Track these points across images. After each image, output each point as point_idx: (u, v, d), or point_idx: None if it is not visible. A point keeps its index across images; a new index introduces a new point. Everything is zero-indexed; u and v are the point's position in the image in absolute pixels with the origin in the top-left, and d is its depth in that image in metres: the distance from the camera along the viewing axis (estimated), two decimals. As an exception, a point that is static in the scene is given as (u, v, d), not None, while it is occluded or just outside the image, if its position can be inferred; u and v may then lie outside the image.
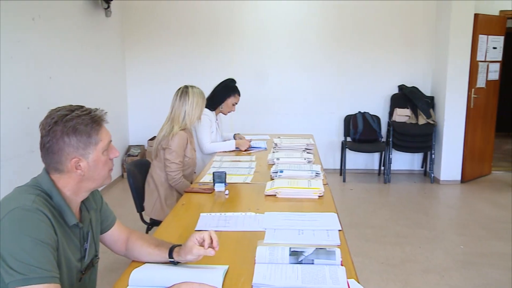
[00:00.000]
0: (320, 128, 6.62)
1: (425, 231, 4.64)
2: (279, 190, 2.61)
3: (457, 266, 3.85)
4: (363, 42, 6.56)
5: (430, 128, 6.29)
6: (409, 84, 6.60)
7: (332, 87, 6.68)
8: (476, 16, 6.00)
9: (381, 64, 6.61)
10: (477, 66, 6.20)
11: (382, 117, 6.66)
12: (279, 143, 3.83)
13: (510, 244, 4.29)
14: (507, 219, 4.97)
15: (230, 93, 4.11)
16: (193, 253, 1.65)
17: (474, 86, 6.20)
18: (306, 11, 6.53)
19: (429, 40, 6.54)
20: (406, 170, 6.85)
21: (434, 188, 6.20)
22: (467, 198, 5.80)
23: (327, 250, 1.74)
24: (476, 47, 6.11)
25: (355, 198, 5.76)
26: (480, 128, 6.47)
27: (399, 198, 5.78)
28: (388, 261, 3.92)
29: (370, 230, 4.63)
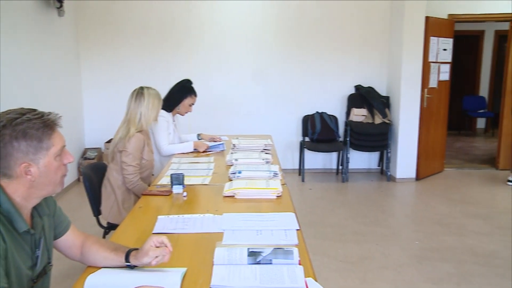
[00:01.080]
0: (279, 129, 6.66)
1: (382, 228, 4.74)
2: (237, 191, 2.62)
3: (413, 261, 3.96)
4: (320, 43, 6.65)
5: (386, 127, 6.43)
6: (365, 84, 6.74)
7: (290, 88, 6.74)
8: (427, 18, 6.18)
9: (338, 65, 6.72)
10: (429, 67, 6.38)
11: (340, 117, 6.76)
12: (237, 144, 3.83)
13: (460, 238, 4.44)
14: (458, 215, 5.14)
15: (187, 93, 4.08)
16: (149, 255, 1.63)
17: (426, 86, 6.39)
18: (263, 11, 6.57)
19: (384, 41, 6.69)
20: (363, 169, 6.98)
21: (390, 186, 6.34)
22: (421, 195, 5.96)
23: (285, 250, 1.75)
24: (428, 48, 6.29)
25: (314, 198, 5.83)
26: (433, 127, 6.66)
27: (357, 197, 5.88)
28: (346, 259, 3.99)
29: (328, 229, 4.70)
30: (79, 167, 6.35)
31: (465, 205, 5.48)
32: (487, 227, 4.75)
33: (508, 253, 4.11)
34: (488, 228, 4.73)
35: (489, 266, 3.84)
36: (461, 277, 3.65)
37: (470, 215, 5.14)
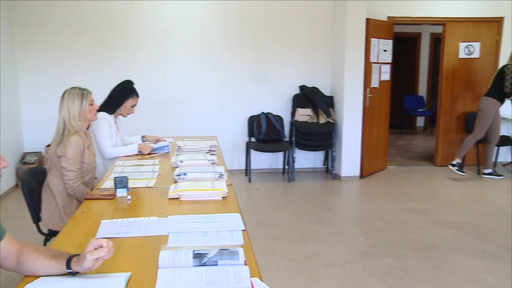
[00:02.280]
0: (225, 129, 6.66)
1: (328, 226, 4.83)
2: (182, 193, 2.59)
3: (358, 257, 4.05)
4: (265, 43, 6.70)
5: (330, 126, 6.55)
6: (309, 84, 6.84)
7: (236, 88, 6.75)
8: (368, 20, 6.36)
9: (283, 65, 6.80)
10: (370, 67, 6.56)
11: (285, 117, 6.84)
12: (182, 146, 3.80)
13: (402, 233, 4.59)
14: (400, 210, 5.31)
15: (128, 95, 4.00)
16: (87, 259, 1.58)
17: (369, 86, 6.56)
18: (207, 12, 6.55)
19: (327, 42, 6.83)
20: (309, 168, 7.08)
21: (335, 184, 6.47)
22: (365, 193, 6.11)
23: (231, 251, 1.75)
24: (369, 49, 6.46)
25: (260, 198, 5.86)
26: (375, 126, 6.85)
27: (303, 196, 5.96)
28: (293, 258, 4.03)
29: (275, 228, 4.73)
30: (17, 173, 6.10)
31: (406, 201, 5.67)
32: (426, 222, 4.93)
33: (445, 246, 4.29)
34: (427, 222, 4.91)
35: (429, 259, 3.99)
36: (403, 271, 3.76)
37: (411, 210, 5.32)
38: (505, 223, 4.90)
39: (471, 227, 4.78)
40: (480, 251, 4.19)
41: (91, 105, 3.25)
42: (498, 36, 7.26)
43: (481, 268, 3.83)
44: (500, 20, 7.24)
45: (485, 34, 7.25)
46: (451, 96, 7.34)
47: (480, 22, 7.22)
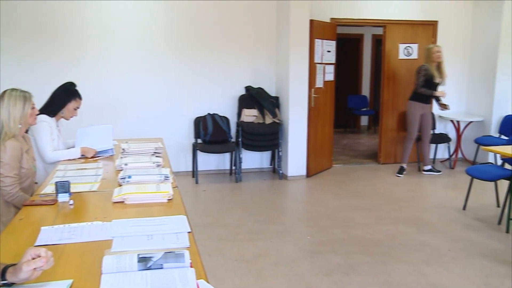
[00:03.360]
0: (171, 131, 6.58)
1: (276, 225, 4.87)
2: (127, 196, 2.54)
3: (305, 255, 4.11)
4: (210, 44, 6.68)
5: (276, 127, 6.61)
6: (255, 85, 6.87)
7: (181, 89, 6.68)
8: (312, 22, 6.46)
9: (229, 66, 6.79)
10: (315, 68, 6.67)
11: (231, 117, 6.84)
12: (127, 148, 3.72)
13: (348, 230, 4.69)
14: (346, 208, 5.43)
15: (71, 97, 3.89)
16: (23, 270, 1.51)
17: (313, 86, 6.67)
18: (151, 12, 6.45)
19: (272, 42, 6.88)
20: (256, 168, 7.11)
21: (282, 184, 6.53)
22: (312, 192, 6.20)
23: (176, 253, 1.73)
24: (313, 50, 6.57)
25: (208, 199, 5.83)
26: (320, 125, 6.97)
27: (251, 196, 5.98)
28: (241, 258, 4.04)
29: (223, 229, 4.72)
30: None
31: (351, 199, 5.80)
32: (371, 218, 5.06)
33: (388, 241, 4.42)
34: (372, 219, 5.05)
35: (374, 255, 4.10)
36: (349, 267, 3.85)
37: (356, 207, 5.44)
38: (444, 217, 5.11)
39: (413, 222, 4.95)
40: (421, 244, 4.34)
41: (32, 108, 3.13)
42: (434, 38, 7.57)
43: (422, 261, 3.97)
44: (434, 23, 7.55)
45: (422, 36, 7.54)
46: (392, 96, 7.57)
47: (417, 25, 7.49)
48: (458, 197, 5.66)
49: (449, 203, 5.57)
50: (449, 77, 7.71)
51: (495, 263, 3.92)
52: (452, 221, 4.99)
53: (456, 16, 7.63)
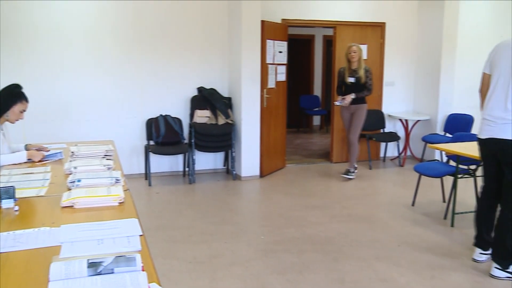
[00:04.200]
0: (122, 133, 6.47)
1: (230, 226, 4.87)
2: (76, 201, 2.48)
3: (259, 255, 4.13)
4: (161, 44, 6.61)
5: (229, 127, 6.61)
6: (207, 86, 6.85)
7: (132, 90, 6.58)
8: (263, 22, 6.50)
9: (180, 66, 6.74)
10: (267, 68, 6.71)
11: (184, 119, 6.79)
12: (76, 151, 3.63)
13: (301, 229, 4.75)
14: (299, 207, 5.49)
15: (16, 99, 3.75)
16: None
17: (266, 87, 6.71)
18: (100, 12, 6.31)
19: (224, 43, 6.88)
20: (210, 169, 7.09)
21: (236, 184, 6.53)
22: (265, 191, 6.24)
23: (127, 257, 1.70)
24: (265, 51, 6.61)
25: (161, 201, 5.77)
26: (273, 126, 7.02)
27: (204, 197, 5.96)
28: (195, 259, 4.01)
29: (177, 231, 4.68)
30: None
31: (305, 198, 5.87)
32: (324, 217, 5.14)
33: (341, 238, 4.50)
34: (324, 217, 5.13)
35: (326, 253, 4.16)
36: (302, 266, 3.89)
37: (309, 206, 5.51)
38: (394, 213, 5.25)
39: (364, 219, 5.06)
40: (372, 241, 4.45)
41: None
42: (382, 39, 7.78)
43: (373, 257, 4.07)
44: (382, 25, 7.76)
45: (371, 37, 7.72)
46: (343, 96, 7.70)
47: (366, 26, 7.67)
48: (407, 193, 5.82)
49: (398, 200, 5.73)
50: (398, 77, 7.98)
51: (441, 256, 4.06)
52: (402, 217, 5.13)
53: (403, 17, 7.86)
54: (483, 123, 3.66)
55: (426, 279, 3.66)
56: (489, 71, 3.63)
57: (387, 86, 7.96)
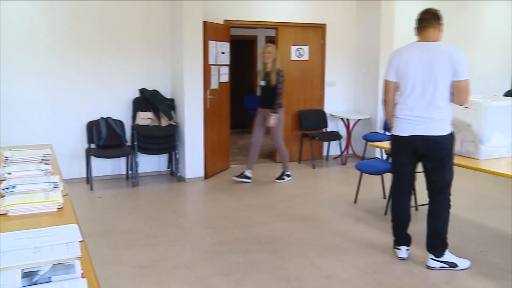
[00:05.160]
0: (61, 137, 6.26)
1: (174, 229, 4.81)
2: (10, 208, 2.37)
3: (204, 257, 4.11)
4: (101, 45, 6.44)
5: (172, 129, 6.54)
6: (149, 87, 6.75)
7: (71, 92, 6.37)
8: (205, 23, 6.48)
9: (122, 68, 6.60)
10: (209, 69, 6.69)
11: (126, 121, 6.65)
12: (10, 156, 3.48)
13: (246, 229, 4.76)
14: (243, 208, 5.51)
15: None
16: None
17: (208, 88, 6.68)
18: (39, 11, 6.08)
19: (165, 44, 6.80)
20: (153, 172, 6.98)
21: (181, 186, 6.47)
22: (210, 193, 6.21)
23: (66, 265, 1.65)
24: (207, 52, 6.59)
25: (104, 206, 5.63)
26: (217, 127, 7.01)
27: (148, 200, 5.87)
28: (139, 264, 3.94)
29: (120, 236, 4.58)
30: None
31: (249, 198, 5.90)
32: (268, 216, 5.18)
33: (286, 237, 4.56)
34: (269, 217, 5.17)
35: (272, 252, 4.20)
36: (248, 266, 3.91)
37: (254, 206, 5.54)
38: (337, 211, 5.37)
39: (308, 218, 5.14)
40: (316, 238, 4.53)
41: None
42: (323, 40, 7.94)
43: (317, 254, 4.14)
44: (323, 26, 7.92)
45: (312, 38, 7.86)
46: (285, 96, 7.78)
47: (307, 28, 7.80)
48: (350, 191, 5.96)
49: (341, 198, 5.86)
50: (339, 77, 8.16)
51: (382, 251, 4.19)
52: (344, 214, 5.25)
53: (343, 18, 8.05)
54: (401, 122, 3.82)
55: (368, 274, 3.76)
56: (395, 78, 3.82)
57: (329, 86, 8.13)
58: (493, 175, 4.19)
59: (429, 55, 3.66)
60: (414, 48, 3.78)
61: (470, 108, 4.19)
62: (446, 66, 3.60)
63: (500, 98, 4.82)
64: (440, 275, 3.75)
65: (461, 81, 3.60)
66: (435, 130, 3.68)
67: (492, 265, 3.93)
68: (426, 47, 3.72)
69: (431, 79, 3.65)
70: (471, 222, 5.02)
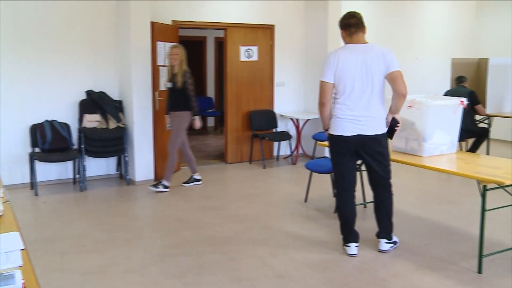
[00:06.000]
0: (3, 141, 6.03)
1: (125, 233, 4.73)
2: None
3: (156, 260, 4.05)
4: (45, 45, 6.25)
5: (121, 131, 6.42)
6: (96, 89, 6.60)
7: (12, 94, 6.13)
8: (153, 24, 6.40)
9: (66, 69, 6.42)
10: (158, 71, 6.62)
11: (72, 124, 6.47)
12: None
13: (198, 231, 4.74)
14: (194, 209, 5.48)
15: None
16: None
17: (157, 89, 6.61)
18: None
19: (113, 45, 6.67)
20: (102, 175, 6.83)
21: (130, 189, 6.36)
22: (161, 195, 6.11)
23: (4, 275, 1.59)
24: (156, 53, 6.51)
25: (50, 211, 5.45)
26: (166, 128, 6.91)
27: (97, 205, 5.73)
28: (88, 270, 3.85)
29: (67, 242, 4.45)
30: None
31: (200, 200, 5.87)
32: (220, 218, 5.17)
33: (237, 238, 4.57)
34: (221, 218, 5.16)
35: (224, 253, 4.20)
36: (200, 268, 3.89)
37: (206, 208, 5.52)
38: (288, 210, 5.43)
39: (259, 218, 5.17)
40: (267, 238, 4.56)
41: None
42: (271, 41, 8.00)
43: (269, 254, 4.17)
44: (272, 27, 7.98)
45: (261, 39, 7.91)
46: (235, 97, 7.82)
47: (256, 28, 7.84)
48: (300, 190, 6.04)
49: (292, 197, 5.93)
50: (288, 77, 8.25)
51: (332, 249, 4.27)
52: (295, 213, 5.31)
53: (291, 19, 8.14)
54: (343, 122, 3.92)
55: (319, 272, 3.82)
56: (333, 80, 3.91)
57: (278, 86, 8.20)
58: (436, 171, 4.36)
59: (365, 56, 3.85)
60: (349, 50, 3.93)
61: (414, 107, 4.34)
62: (380, 64, 3.83)
63: (441, 98, 5.01)
64: (387, 269, 3.86)
65: (394, 71, 3.82)
66: (376, 129, 3.90)
67: (435, 257, 4.08)
68: (360, 48, 3.91)
69: (369, 79, 3.84)
70: (416, 217, 5.19)
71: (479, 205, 3.76)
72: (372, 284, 3.62)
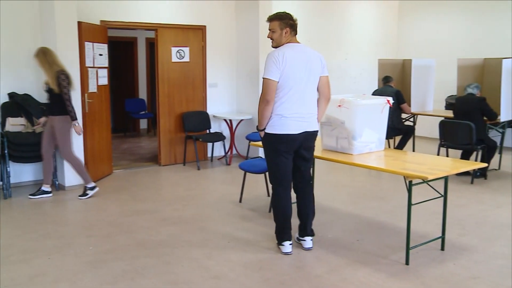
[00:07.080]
0: None
1: (54, 240, 4.55)
2: None
3: (88, 267, 3.94)
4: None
5: (48, 135, 6.17)
6: (21, 91, 6.31)
7: None
8: (80, 24, 6.20)
9: (-14, 72, 6.11)
10: (87, 72, 6.43)
11: (-6, 128, 6.16)
12: None
13: (132, 235, 4.65)
14: (128, 213, 5.37)
15: None
16: None
17: (86, 91, 6.42)
18: None
19: (36, 46, 6.36)
20: (29, 182, 6.54)
21: (60, 195, 6.13)
22: (92, 200, 5.93)
23: None
24: (84, 53, 6.32)
25: (-29, 221, 5.16)
26: (97, 131, 6.75)
27: (24, 212, 5.47)
28: (13, 282, 3.67)
29: (-8, 253, 4.24)
30: None
31: (134, 203, 5.76)
32: (154, 221, 5.10)
33: (172, 241, 4.52)
34: (155, 221, 5.09)
35: (158, 256, 4.14)
36: (134, 272, 3.82)
37: (140, 211, 5.43)
38: (223, 211, 5.44)
39: (194, 219, 5.14)
40: (203, 240, 4.55)
41: None
42: (203, 42, 7.98)
43: (204, 255, 4.16)
44: (203, 28, 7.96)
45: (193, 40, 7.87)
46: (168, 98, 7.74)
47: (188, 29, 7.79)
48: (235, 191, 6.07)
49: (227, 198, 5.94)
50: (220, 78, 8.27)
51: (267, 248, 4.32)
52: (230, 214, 5.33)
53: (222, 20, 8.16)
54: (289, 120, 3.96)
55: (255, 271, 3.86)
56: (279, 78, 3.93)
57: (211, 87, 8.19)
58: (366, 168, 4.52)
59: (306, 56, 4.00)
60: (293, 49, 4.00)
61: (343, 106, 4.47)
62: (318, 64, 4.03)
63: (369, 97, 5.18)
64: (321, 266, 3.96)
65: (326, 76, 4.12)
66: (316, 125, 4.13)
67: (367, 252, 4.23)
68: (300, 48, 4.03)
69: (310, 78, 4.00)
70: (348, 214, 5.35)
71: (407, 199, 3.93)
72: (308, 281, 3.69)
